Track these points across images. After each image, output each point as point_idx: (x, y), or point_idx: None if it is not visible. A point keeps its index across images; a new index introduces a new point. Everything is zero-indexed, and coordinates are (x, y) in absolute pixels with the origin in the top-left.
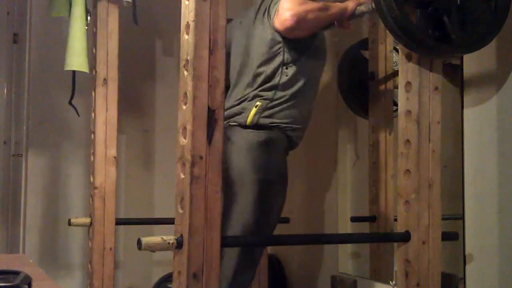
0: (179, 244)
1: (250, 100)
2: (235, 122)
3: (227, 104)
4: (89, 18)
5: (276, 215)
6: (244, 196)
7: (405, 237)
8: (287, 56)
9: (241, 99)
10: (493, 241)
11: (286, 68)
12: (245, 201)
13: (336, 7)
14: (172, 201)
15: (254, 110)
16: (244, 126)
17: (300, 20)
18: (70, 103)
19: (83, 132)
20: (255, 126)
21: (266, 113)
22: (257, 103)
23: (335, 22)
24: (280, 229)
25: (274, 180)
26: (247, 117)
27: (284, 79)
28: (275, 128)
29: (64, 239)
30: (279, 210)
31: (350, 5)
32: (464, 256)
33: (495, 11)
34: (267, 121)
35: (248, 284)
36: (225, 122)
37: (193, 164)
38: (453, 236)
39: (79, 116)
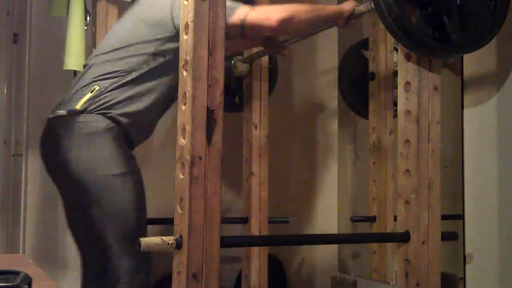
0: (178, 245)
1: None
2: None
3: None
4: (88, 18)
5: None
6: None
7: (405, 237)
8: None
9: None
10: (493, 241)
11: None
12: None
13: (327, 11)
14: (171, 202)
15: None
16: None
17: (285, 19)
18: None
19: None
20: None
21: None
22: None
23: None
24: (280, 229)
25: None
26: None
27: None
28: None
29: (64, 239)
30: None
31: (347, 6)
32: (464, 256)
33: (494, 11)
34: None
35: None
36: None
37: (192, 165)
38: (453, 236)
39: None
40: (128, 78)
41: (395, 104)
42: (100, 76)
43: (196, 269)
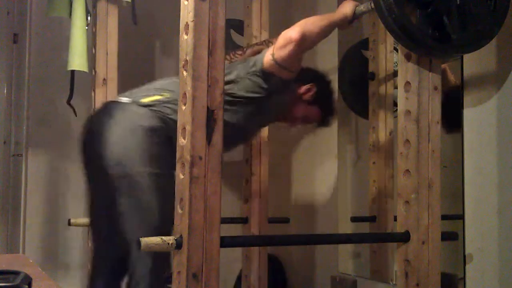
0: (178, 245)
1: None
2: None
3: None
4: (89, 18)
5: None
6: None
7: (405, 237)
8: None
9: None
10: (493, 241)
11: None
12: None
13: (334, 18)
14: None
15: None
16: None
17: (305, 36)
18: (68, 103)
19: None
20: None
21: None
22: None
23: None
24: (280, 229)
25: None
26: None
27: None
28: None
29: (64, 239)
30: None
31: (348, 9)
32: (464, 256)
33: (494, 11)
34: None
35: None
36: None
37: (192, 165)
38: (453, 236)
39: (76, 116)
40: None
41: (395, 104)
42: (172, 89)
43: (196, 269)
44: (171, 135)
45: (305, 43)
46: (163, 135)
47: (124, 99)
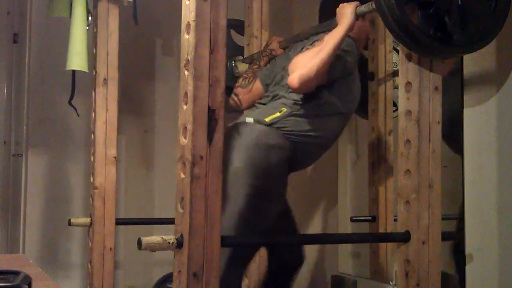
0: (179, 244)
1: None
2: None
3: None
4: (90, 18)
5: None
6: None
7: (405, 237)
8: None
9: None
10: (493, 241)
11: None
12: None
13: (338, 33)
14: (172, 201)
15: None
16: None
17: (305, 82)
18: (69, 103)
19: (83, 132)
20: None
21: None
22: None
23: None
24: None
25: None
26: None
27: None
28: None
29: (64, 239)
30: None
31: (349, 15)
32: (464, 256)
33: (495, 11)
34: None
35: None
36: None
37: (193, 164)
38: (453, 236)
39: (78, 116)
40: (306, 108)
41: (395, 104)
42: (288, 101)
43: (197, 268)
44: (289, 153)
45: (311, 83)
46: (283, 152)
47: (248, 119)
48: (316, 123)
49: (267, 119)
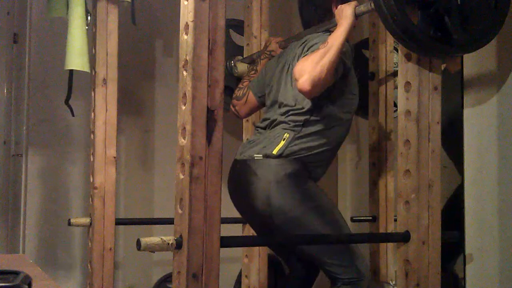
0: (178, 245)
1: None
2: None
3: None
4: (89, 18)
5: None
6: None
7: (405, 237)
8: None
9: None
10: (493, 241)
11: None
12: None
13: (341, 34)
14: (172, 201)
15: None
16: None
17: (316, 84)
18: (66, 103)
19: (83, 132)
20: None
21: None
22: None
23: None
24: None
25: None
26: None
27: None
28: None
29: (64, 239)
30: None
31: (349, 15)
32: (464, 256)
33: (495, 10)
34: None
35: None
36: None
37: (192, 165)
38: (453, 236)
39: (73, 116)
40: (307, 127)
41: (395, 104)
42: (288, 125)
43: (196, 269)
44: (307, 173)
45: (322, 85)
46: (303, 172)
47: (257, 156)
48: (320, 139)
49: (275, 152)
